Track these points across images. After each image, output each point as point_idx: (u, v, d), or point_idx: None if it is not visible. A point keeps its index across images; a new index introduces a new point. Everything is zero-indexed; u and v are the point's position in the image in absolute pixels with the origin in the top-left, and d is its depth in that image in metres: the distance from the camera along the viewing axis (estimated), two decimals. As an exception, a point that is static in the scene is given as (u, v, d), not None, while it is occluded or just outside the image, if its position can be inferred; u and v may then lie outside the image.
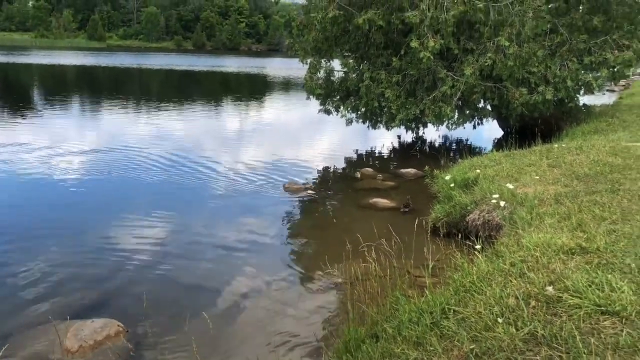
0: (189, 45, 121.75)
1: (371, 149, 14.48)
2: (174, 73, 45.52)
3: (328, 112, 14.44)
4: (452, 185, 7.65)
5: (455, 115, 12.37)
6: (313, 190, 9.85)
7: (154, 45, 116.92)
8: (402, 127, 13.68)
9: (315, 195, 9.59)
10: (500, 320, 3.07)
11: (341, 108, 14.01)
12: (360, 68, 13.42)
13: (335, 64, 14.21)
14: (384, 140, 15.08)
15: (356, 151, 14.08)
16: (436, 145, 15.09)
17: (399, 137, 15.64)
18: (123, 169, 10.72)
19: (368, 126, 14.34)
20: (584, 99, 14.79)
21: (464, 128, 13.54)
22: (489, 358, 2.80)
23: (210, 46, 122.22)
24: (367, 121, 14.01)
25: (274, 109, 23.90)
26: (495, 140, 15.39)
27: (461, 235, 6.12)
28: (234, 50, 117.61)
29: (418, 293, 4.13)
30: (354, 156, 13.55)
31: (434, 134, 15.83)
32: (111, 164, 11.12)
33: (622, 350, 2.61)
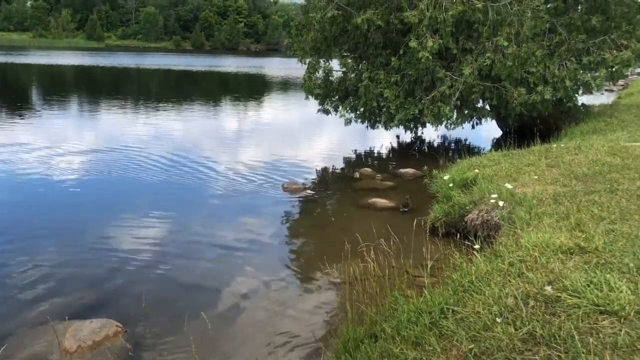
0: (187, 45, 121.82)
1: (370, 149, 14.49)
2: (173, 73, 45.49)
3: (327, 112, 14.45)
4: (451, 185, 7.66)
5: (454, 115, 12.37)
6: (312, 190, 9.85)
7: (153, 45, 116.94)
8: (401, 127, 13.68)
9: (314, 195, 9.59)
10: (499, 320, 3.07)
11: (340, 108, 14.03)
12: (359, 68, 13.43)
13: (334, 64, 14.22)
14: (383, 140, 15.08)
15: (355, 151, 14.08)
16: (435, 145, 15.09)
17: (397, 137, 15.64)
18: (121, 169, 10.71)
19: (367, 126, 14.33)
20: (583, 99, 14.80)
21: (462, 128, 13.54)
22: (487, 358, 2.80)
23: (208, 46, 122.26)
24: (366, 121, 14.01)
25: (273, 109, 23.89)
26: (494, 140, 15.39)
27: (460, 235, 6.12)
28: (233, 50, 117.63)
29: (417, 293, 4.13)
30: (353, 156, 13.55)
31: (432, 134, 15.83)
32: (109, 164, 11.12)
33: (621, 349, 2.61)
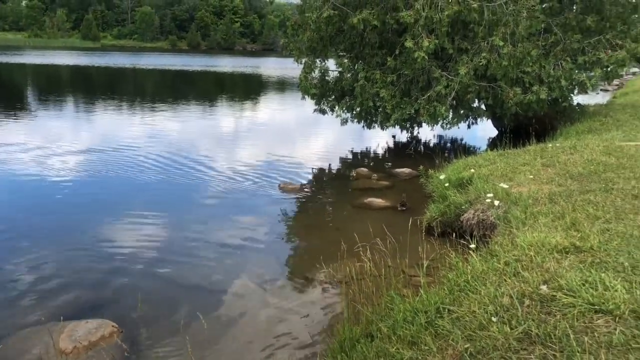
0: (183, 45, 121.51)
1: (366, 148, 14.50)
2: (169, 73, 45.38)
3: (323, 112, 14.45)
4: (447, 184, 7.67)
5: (450, 115, 12.39)
6: (308, 189, 9.85)
7: (149, 45, 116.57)
8: (397, 127, 13.70)
9: (310, 195, 9.60)
10: (495, 319, 3.08)
11: (336, 108, 14.02)
12: (355, 68, 13.45)
13: (330, 63, 14.21)
14: (379, 140, 15.10)
15: (351, 151, 14.08)
16: (431, 145, 15.11)
17: (393, 137, 15.65)
18: (116, 169, 10.67)
19: (363, 126, 14.34)
20: (578, 99, 14.86)
21: (458, 128, 13.58)
22: (483, 357, 2.81)
23: (204, 46, 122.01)
24: (362, 121, 14.01)
25: (269, 109, 23.87)
26: (490, 140, 15.43)
27: (456, 235, 6.12)
28: (229, 50, 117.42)
29: (413, 292, 4.13)
30: (349, 156, 13.56)
31: (428, 133, 15.87)
32: (105, 164, 11.08)
33: (616, 348, 2.62)
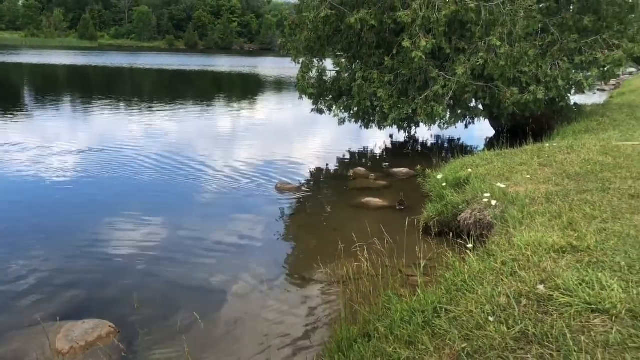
0: (181, 44, 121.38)
1: (363, 148, 14.50)
2: (166, 72, 45.32)
3: (320, 112, 14.45)
4: (444, 184, 7.67)
5: (447, 115, 12.40)
6: (305, 189, 9.85)
7: (146, 44, 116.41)
8: (395, 127, 13.72)
9: (308, 194, 9.59)
10: (492, 318, 3.08)
11: (333, 107, 14.02)
12: (353, 67, 13.44)
13: (328, 63, 14.22)
14: (377, 140, 15.10)
15: (349, 150, 14.08)
16: (428, 145, 15.12)
17: (391, 137, 15.66)
18: (113, 169, 10.65)
19: (360, 126, 14.35)
20: (575, 98, 14.88)
21: (455, 127, 13.58)
22: (480, 357, 2.81)
23: (202, 45, 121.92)
24: (360, 121, 14.01)
25: (267, 109, 23.85)
26: (487, 140, 15.45)
27: (453, 234, 6.13)
28: (226, 49, 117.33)
29: (410, 292, 4.13)
30: (347, 156, 13.56)
31: (426, 133, 15.88)
32: (102, 164, 11.05)
33: (612, 348, 2.63)
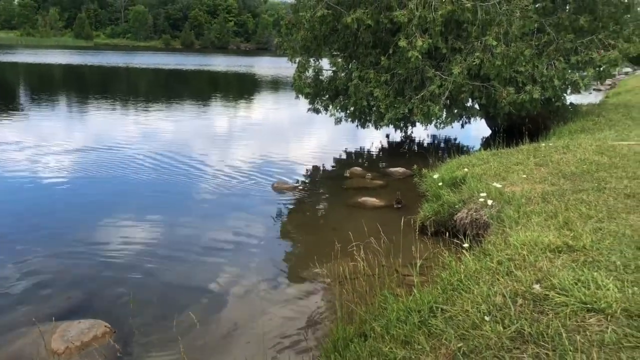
0: (177, 44, 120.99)
1: (360, 148, 14.50)
2: (162, 72, 45.20)
3: (317, 112, 14.44)
4: (440, 184, 7.68)
5: (444, 115, 12.41)
6: (302, 189, 9.84)
7: (142, 44, 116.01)
8: (391, 126, 13.71)
9: (304, 194, 9.58)
10: (488, 318, 3.08)
11: (330, 107, 14.02)
12: (349, 67, 13.45)
13: (324, 63, 14.21)
14: (373, 140, 15.11)
15: (345, 150, 14.08)
16: (425, 144, 15.14)
17: (387, 136, 15.68)
18: (109, 169, 10.62)
19: (357, 125, 14.34)
20: (571, 98, 14.92)
21: (452, 127, 13.61)
22: (476, 356, 2.81)
23: (198, 45, 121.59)
24: (356, 120, 14.01)
25: (263, 108, 23.83)
26: (483, 139, 15.47)
27: (449, 234, 6.12)
28: (223, 49, 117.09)
29: (406, 292, 4.13)
30: (343, 155, 13.56)
31: (422, 133, 15.90)
32: (97, 163, 11.02)
33: (608, 347, 2.63)
